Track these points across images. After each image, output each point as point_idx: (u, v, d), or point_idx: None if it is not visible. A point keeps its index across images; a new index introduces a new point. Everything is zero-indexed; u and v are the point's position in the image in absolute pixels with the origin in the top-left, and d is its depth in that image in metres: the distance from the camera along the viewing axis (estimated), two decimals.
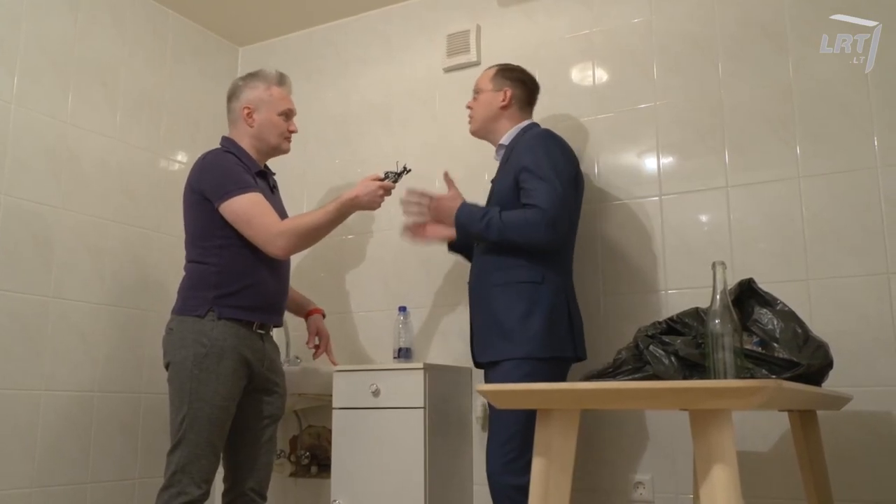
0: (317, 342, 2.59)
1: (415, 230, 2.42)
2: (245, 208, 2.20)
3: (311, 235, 2.27)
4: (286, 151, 2.47)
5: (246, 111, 2.38)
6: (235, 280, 2.22)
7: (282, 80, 2.46)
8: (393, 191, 2.38)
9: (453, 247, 2.60)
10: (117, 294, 2.86)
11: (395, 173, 2.38)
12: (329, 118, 3.31)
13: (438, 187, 2.99)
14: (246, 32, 3.48)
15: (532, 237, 2.19)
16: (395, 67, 3.20)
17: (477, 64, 2.97)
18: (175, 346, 2.18)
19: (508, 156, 2.37)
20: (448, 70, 3.06)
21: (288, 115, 2.43)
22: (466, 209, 2.30)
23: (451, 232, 2.33)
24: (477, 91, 2.51)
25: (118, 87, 2.98)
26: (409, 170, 2.40)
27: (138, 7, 3.10)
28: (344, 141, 3.25)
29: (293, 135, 2.47)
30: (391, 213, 3.07)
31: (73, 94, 2.80)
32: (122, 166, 2.95)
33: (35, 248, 2.60)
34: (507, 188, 2.29)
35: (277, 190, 2.51)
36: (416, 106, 3.12)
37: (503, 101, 2.44)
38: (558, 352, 2.22)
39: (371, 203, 2.32)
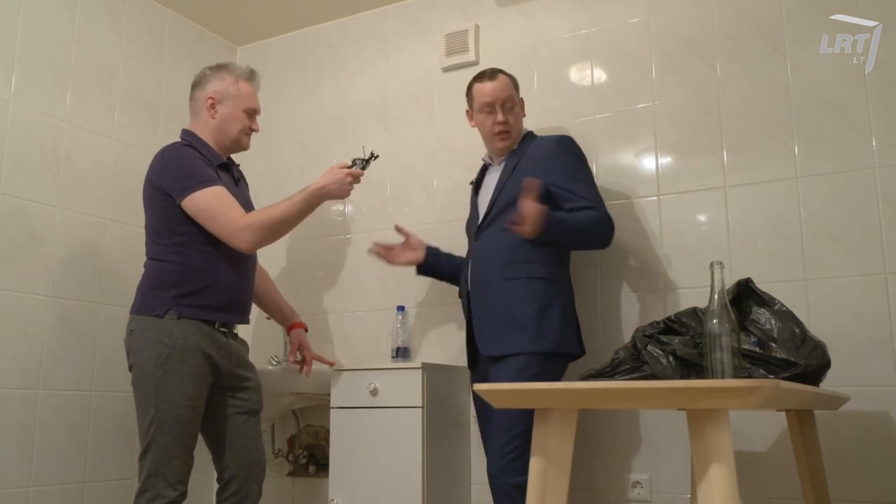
0: (298, 357, 2.56)
1: (385, 254, 2.63)
2: (208, 203, 2.14)
3: (278, 228, 2.20)
4: (246, 148, 2.40)
5: (210, 101, 2.32)
6: (198, 278, 2.17)
7: (251, 76, 2.40)
8: (362, 177, 2.34)
9: (421, 269, 2.65)
10: (114, 293, 2.85)
11: (363, 160, 2.34)
12: (327, 117, 3.31)
13: (437, 186, 3.00)
14: (244, 31, 3.48)
15: (603, 236, 2.31)
16: (393, 67, 3.19)
17: (475, 64, 2.97)
18: (136, 348, 2.14)
19: (519, 158, 2.39)
20: (446, 70, 3.05)
21: (252, 113, 2.38)
22: (554, 217, 2.17)
23: (418, 256, 2.58)
24: (512, 104, 2.43)
25: (115, 87, 2.98)
26: (377, 156, 2.37)
27: (136, 6, 3.09)
28: (341, 140, 3.25)
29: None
30: (390, 211, 3.07)
31: (71, 94, 2.79)
32: (119, 165, 2.95)
33: (32, 247, 2.59)
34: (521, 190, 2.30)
35: (243, 182, 2.46)
36: (414, 106, 3.11)
37: (522, 109, 2.51)
38: (569, 347, 2.28)
39: (339, 191, 2.27)
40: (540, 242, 2.22)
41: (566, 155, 2.34)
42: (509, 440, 2.16)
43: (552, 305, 2.25)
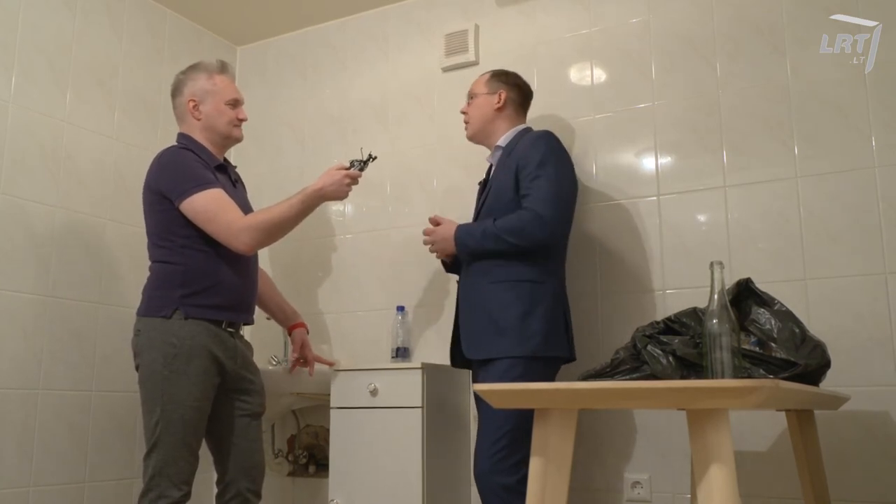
0: (296, 357, 2.57)
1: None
2: (205, 205, 2.15)
3: (276, 230, 2.21)
4: (239, 139, 2.40)
5: (191, 104, 2.32)
6: (202, 279, 2.18)
7: (223, 67, 2.39)
8: (360, 179, 2.34)
9: (449, 268, 2.62)
10: (115, 293, 2.85)
11: (361, 161, 2.33)
12: (327, 117, 3.31)
13: (436, 186, 3.00)
14: (244, 32, 3.48)
15: (528, 236, 2.21)
16: (393, 67, 3.19)
17: (475, 64, 2.97)
18: (143, 349, 2.15)
19: (507, 157, 2.37)
20: (446, 70, 3.05)
21: (235, 103, 2.36)
22: (463, 228, 2.34)
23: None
24: (472, 95, 2.51)
25: (115, 87, 2.98)
26: (375, 157, 2.37)
27: (136, 6, 3.09)
28: (341, 140, 3.25)
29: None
30: (390, 212, 3.07)
31: (71, 93, 2.79)
32: (119, 165, 2.95)
33: (32, 248, 2.59)
34: (506, 186, 2.31)
35: (241, 184, 2.47)
36: (413, 105, 3.11)
37: (498, 103, 2.45)
38: (555, 351, 2.24)
39: (337, 193, 2.27)
40: (466, 257, 2.34)
41: (536, 151, 2.29)
42: (496, 440, 2.15)
43: (536, 308, 2.22)
